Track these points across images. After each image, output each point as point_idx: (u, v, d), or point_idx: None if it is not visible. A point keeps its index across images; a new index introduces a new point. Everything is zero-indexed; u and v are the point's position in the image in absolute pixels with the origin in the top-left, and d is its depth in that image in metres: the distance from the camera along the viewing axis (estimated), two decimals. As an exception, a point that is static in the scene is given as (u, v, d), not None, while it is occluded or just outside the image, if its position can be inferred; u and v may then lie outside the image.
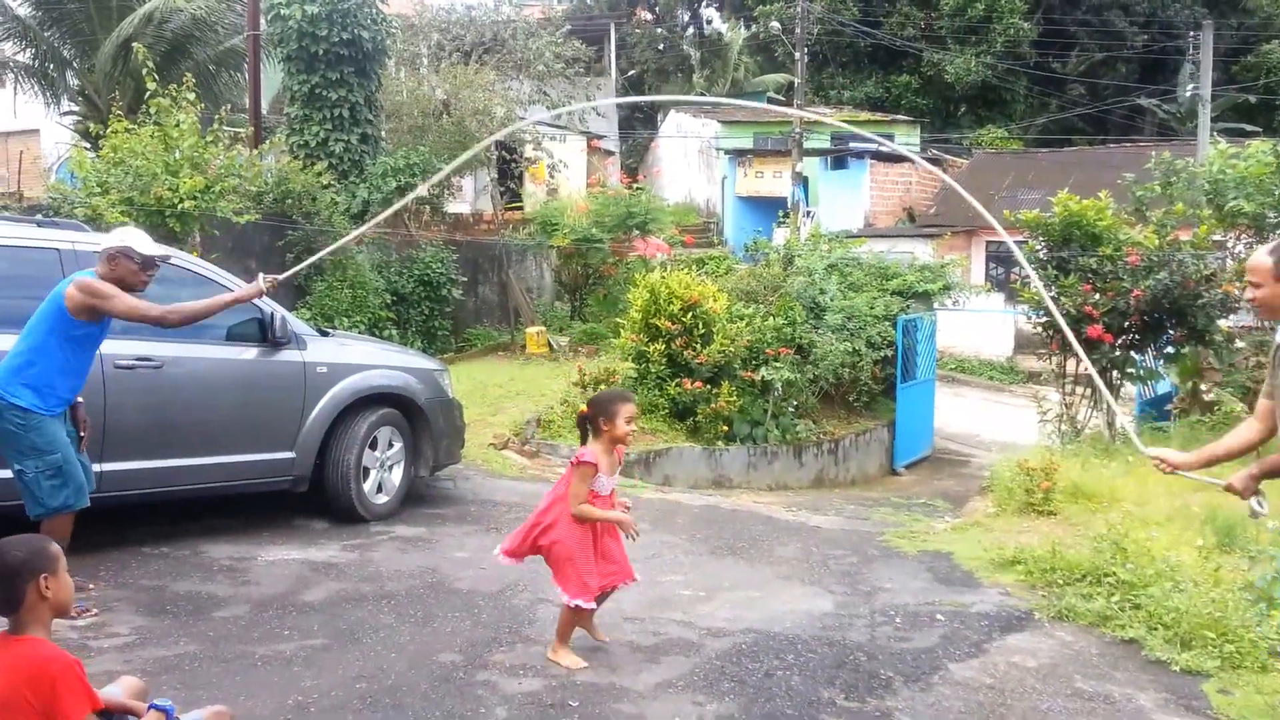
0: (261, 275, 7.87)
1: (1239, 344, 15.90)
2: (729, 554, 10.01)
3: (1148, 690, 6.76)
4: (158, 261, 7.51)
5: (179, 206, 14.16)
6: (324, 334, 10.72)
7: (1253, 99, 47.79)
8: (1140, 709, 6.47)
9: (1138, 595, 8.03)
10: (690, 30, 64.57)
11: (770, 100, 54.26)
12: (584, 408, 6.93)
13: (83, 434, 7.53)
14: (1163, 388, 18.16)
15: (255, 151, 18.46)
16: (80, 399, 7.47)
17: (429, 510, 10.91)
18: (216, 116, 16.21)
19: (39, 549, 4.06)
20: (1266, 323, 15.73)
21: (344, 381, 10.02)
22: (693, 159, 48.97)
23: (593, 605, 6.78)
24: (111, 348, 8.00)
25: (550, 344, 21.52)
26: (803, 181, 38.29)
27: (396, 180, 20.42)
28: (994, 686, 6.73)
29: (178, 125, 15.07)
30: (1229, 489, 5.53)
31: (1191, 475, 5.95)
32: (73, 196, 14.29)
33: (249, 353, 9.48)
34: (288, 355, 9.65)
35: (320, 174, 18.49)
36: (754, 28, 57.99)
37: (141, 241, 7.39)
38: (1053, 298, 16.02)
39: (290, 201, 18.07)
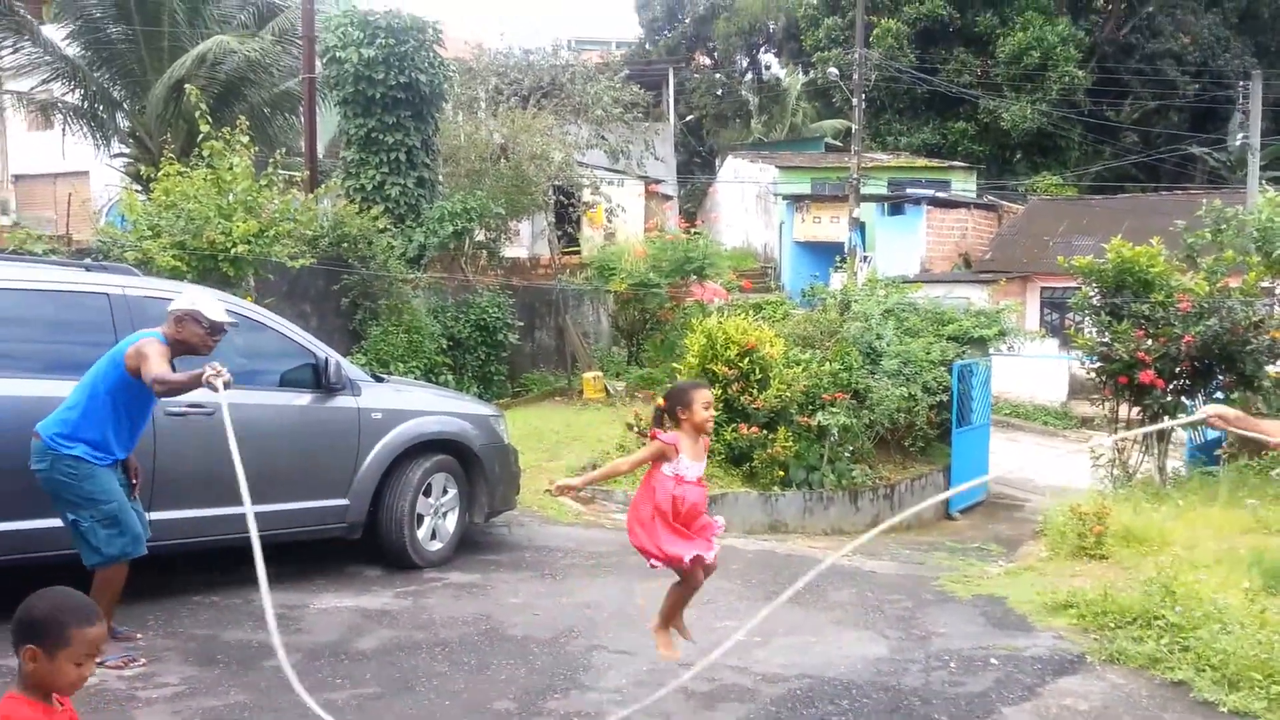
0: (208, 366, 7.35)
1: (1286, 388, 15.82)
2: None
3: (1197, 733, 6.67)
4: (225, 328, 7.54)
5: (232, 251, 14.12)
6: (379, 379, 10.69)
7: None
8: (1191, 752, 6.39)
9: (1187, 637, 7.96)
10: (749, 76, 64.85)
11: (827, 146, 54.40)
12: (661, 400, 6.91)
13: (135, 481, 7.57)
14: (1212, 433, 18.01)
15: (311, 195, 18.46)
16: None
17: (483, 557, 10.88)
18: (271, 160, 16.27)
19: (45, 617, 3.66)
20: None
21: (399, 428, 10.01)
22: (750, 204, 48.98)
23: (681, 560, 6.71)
24: (164, 394, 7.99)
25: (607, 389, 21.50)
26: (859, 227, 38.21)
27: (453, 224, 20.49)
28: (1044, 731, 6.64)
29: (231, 168, 15.01)
30: (1276, 447, 5.48)
31: (1245, 431, 5.82)
32: (123, 240, 14.24)
33: (302, 399, 9.50)
34: (342, 401, 9.66)
35: (376, 218, 18.48)
36: (812, 74, 58.09)
37: (210, 306, 7.43)
38: (1105, 343, 15.99)
39: (346, 245, 18.07)
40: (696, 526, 6.76)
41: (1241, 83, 40.38)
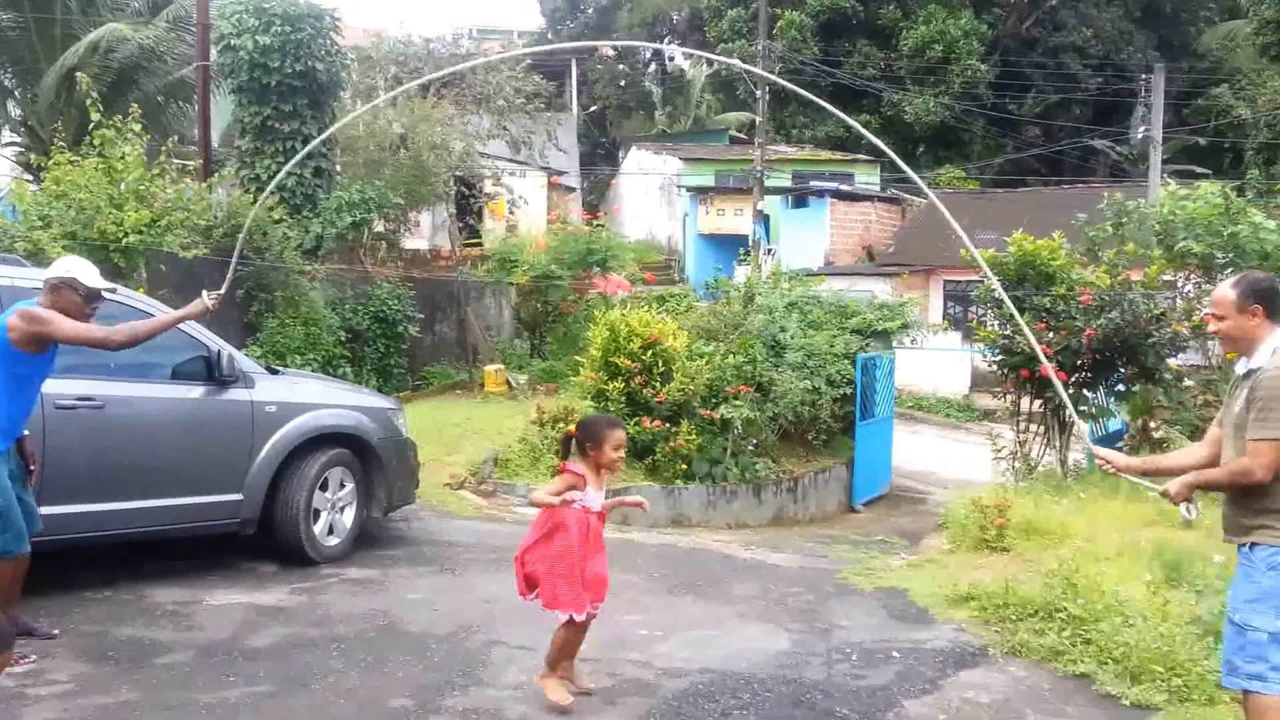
0: (205, 293, 7.75)
1: (1187, 382, 16.07)
2: (687, 593, 9.97)
3: (1098, 725, 6.74)
4: (103, 294, 7.40)
5: (124, 241, 13.90)
6: (274, 372, 10.60)
7: (1203, 142, 48.31)
8: (1092, 744, 6.46)
9: (1088, 630, 8.07)
10: (652, 67, 64.85)
11: (731, 138, 54.57)
12: (571, 429, 6.85)
13: (32, 468, 7.42)
14: (1114, 425, 18.24)
15: (204, 184, 18.18)
16: (26, 432, 7.35)
17: (381, 552, 10.78)
18: (164, 149, 16.02)
19: None
20: (1215, 360, 15.92)
21: (294, 421, 9.88)
22: (654, 196, 49.00)
23: (584, 616, 6.60)
24: (52, 387, 7.81)
25: (509, 382, 21.42)
26: (764, 219, 38.29)
27: (352, 215, 20.28)
28: (949, 724, 6.68)
29: (123, 157, 14.76)
30: (1164, 494, 5.69)
31: (1132, 478, 6.25)
32: (12, 230, 13.94)
33: (195, 392, 9.34)
34: (235, 394, 9.52)
35: (272, 208, 18.21)
36: (715, 65, 58.19)
37: (87, 273, 7.29)
38: (1007, 336, 16.14)
39: (241, 236, 17.79)
40: (593, 574, 6.67)
41: (1143, 76, 40.99)
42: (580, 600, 6.49)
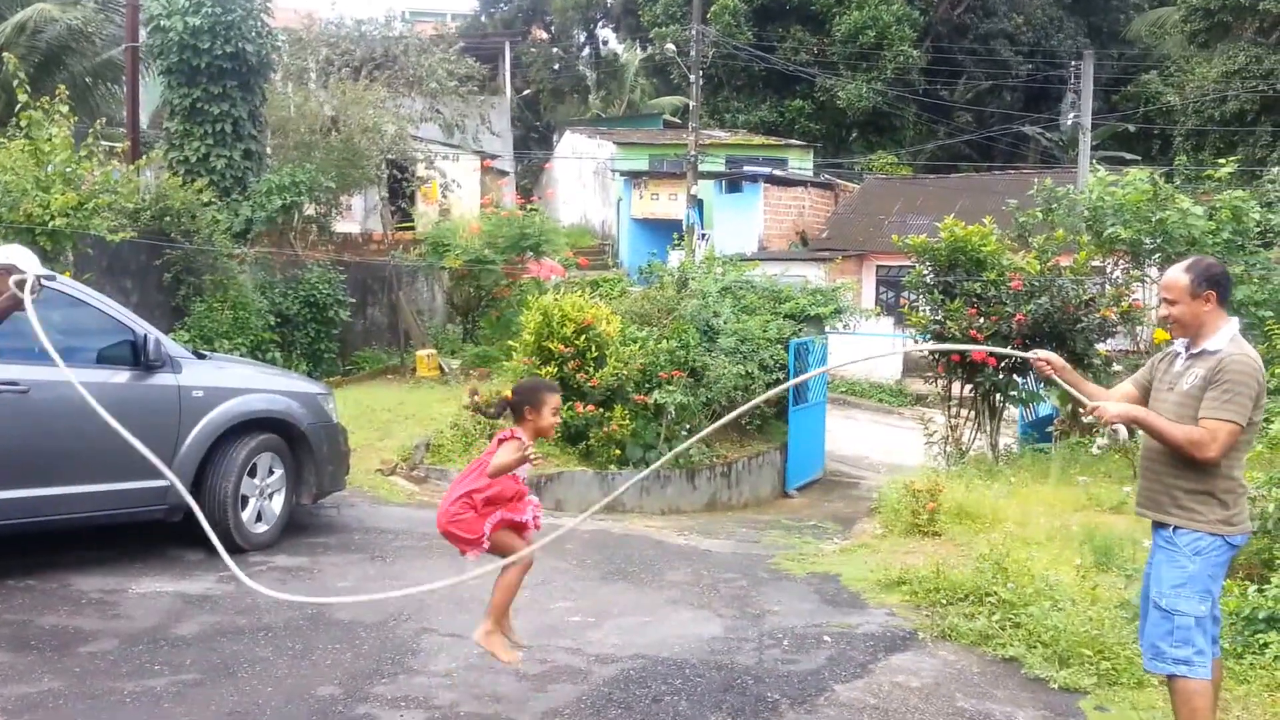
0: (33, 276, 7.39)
1: (1116, 367, 16.20)
2: (619, 579, 9.96)
3: (1026, 708, 6.84)
4: (41, 281, 7.30)
5: (50, 224, 13.74)
6: (201, 356, 10.47)
7: (1132, 128, 48.83)
8: (1019, 727, 6.51)
9: (1018, 614, 8.14)
10: (586, 51, 64.87)
11: (666, 123, 54.58)
12: (507, 393, 6.75)
13: None
14: (1044, 410, 18.41)
15: (132, 167, 17.93)
16: None
17: (311, 539, 10.69)
18: (91, 130, 15.83)
19: None
20: (1145, 345, 16.07)
21: (221, 406, 9.77)
22: (588, 180, 48.98)
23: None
24: (-28, 371, 7.71)
25: (441, 367, 21.32)
26: (698, 204, 38.39)
27: (282, 198, 20.10)
28: (878, 707, 6.75)
29: (50, 139, 14.60)
30: (1097, 411, 5.71)
31: (1065, 385, 6.19)
32: (-65, 213, 13.87)
33: (120, 376, 9.21)
34: (161, 379, 9.40)
35: (201, 191, 17.99)
36: (650, 50, 58.26)
37: (26, 259, 7.19)
38: (939, 321, 16.22)
39: (169, 219, 17.59)
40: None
41: (1073, 63, 41.28)
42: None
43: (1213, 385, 5.50)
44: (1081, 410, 6.15)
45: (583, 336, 16.97)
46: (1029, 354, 6.32)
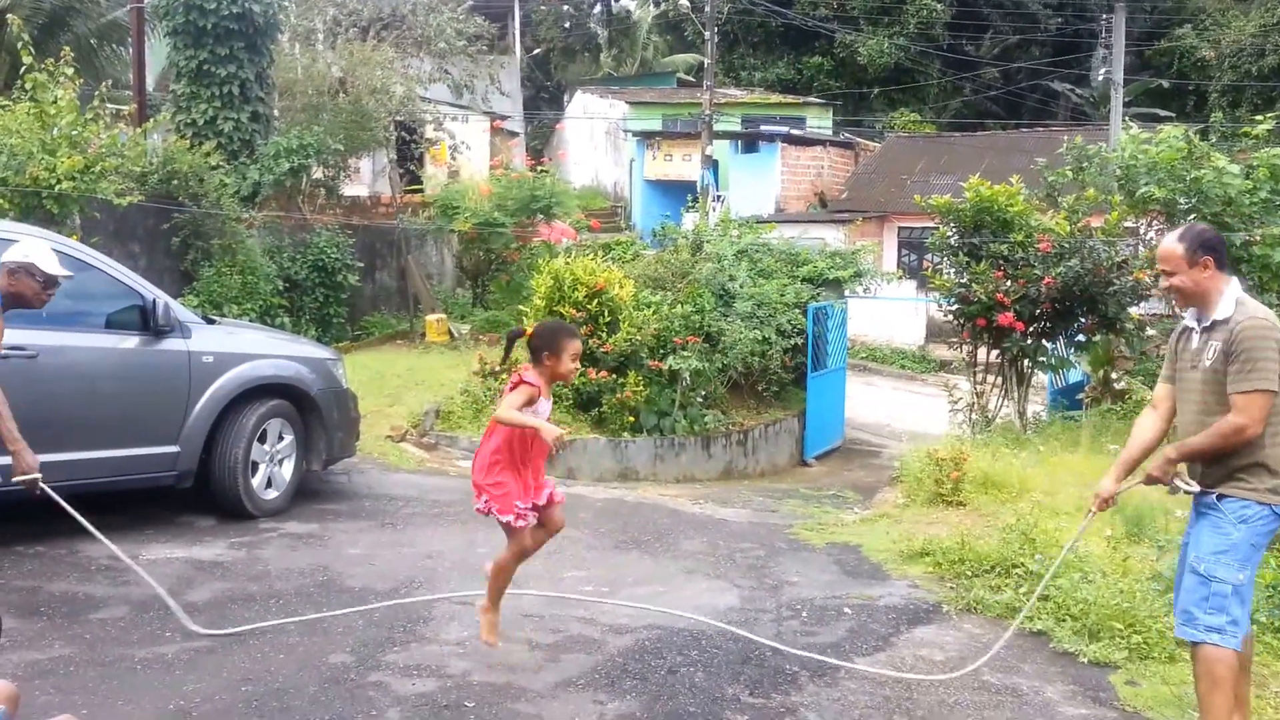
0: None
1: (1150, 331, 16.11)
2: (633, 548, 10.03)
3: (1055, 682, 6.87)
4: (60, 281, 7.39)
5: (56, 187, 13.85)
6: (210, 322, 10.58)
7: (1166, 84, 48.46)
8: (1047, 701, 6.56)
9: (1046, 587, 8.08)
10: (598, 8, 64.50)
11: (680, 82, 54.41)
12: (528, 331, 6.67)
13: None
14: (1074, 376, 18.37)
15: (139, 130, 18.01)
16: None
17: (321, 506, 10.80)
18: (97, 93, 15.89)
19: None
20: (1180, 310, 16.03)
21: (231, 371, 9.87)
22: (600, 141, 48.88)
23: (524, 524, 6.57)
24: (-18, 336, 7.78)
25: (451, 332, 21.37)
26: (713, 165, 38.29)
27: (289, 161, 20.13)
28: (900, 681, 6.79)
29: (55, 102, 14.70)
30: (1149, 480, 5.74)
31: (1122, 489, 6.24)
32: (-59, 178, 13.95)
33: (129, 341, 9.32)
34: (171, 344, 9.50)
35: (208, 154, 18.06)
36: (663, 6, 58.04)
37: (45, 258, 7.27)
38: (963, 284, 16.15)
39: (176, 183, 17.65)
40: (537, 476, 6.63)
41: (1104, 16, 41.15)
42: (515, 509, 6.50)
43: (1233, 358, 5.50)
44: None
45: (595, 301, 17.02)
46: (1088, 519, 6.69)
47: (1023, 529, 9.02)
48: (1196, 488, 5.71)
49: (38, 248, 7.39)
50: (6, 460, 7.34)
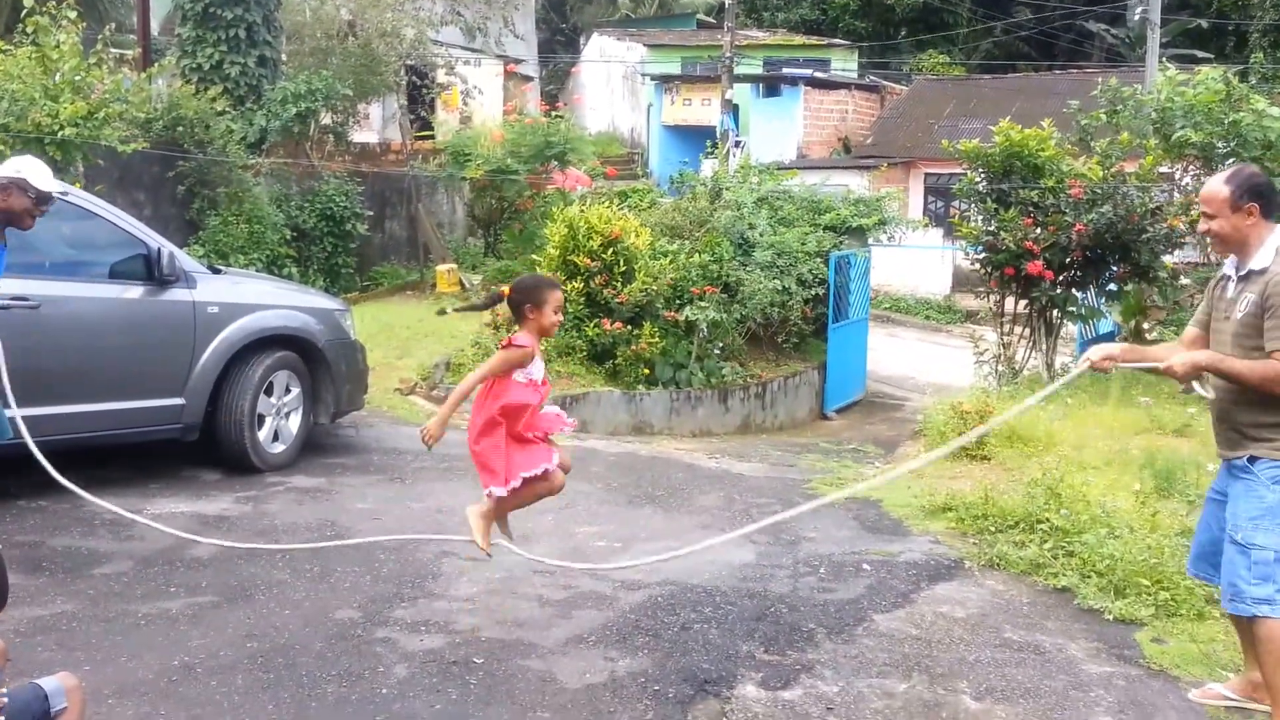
0: None
1: (1184, 280, 16.06)
2: (647, 503, 10.08)
3: (1079, 640, 6.88)
4: (54, 197, 7.41)
5: (59, 134, 13.86)
6: (216, 271, 10.65)
7: (1205, 24, 48.02)
8: (1071, 659, 6.58)
9: (1071, 542, 8.15)
10: (615, -55, 64.15)
11: (699, 23, 54.17)
12: (506, 289, 6.60)
13: None
14: (1104, 327, 18.35)
15: (143, 75, 18.00)
16: None
17: (329, 460, 10.88)
18: (100, 37, 15.87)
19: None
20: (1215, 257, 15.99)
21: (237, 322, 9.92)
22: (616, 85, 48.74)
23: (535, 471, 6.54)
24: (-16, 286, 7.82)
25: (462, 283, 21.41)
26: (733, 109, 38.15)
27: (297, 107, 20.16)
28: (920, 638, 6.83)
29: (57, 46, 14.62)
30: (1168, 371, 5.55)
31: (1126, 362, 6.06)
32: (-60, 123, 13.96)
33: (133, 292, 9.37)
34: (176, 294, 9.55)
35: (214, 99, 18.06)
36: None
37: (38, 173, 7.29)
38: (991, 232, 16.10)
39: (182, 129, 17.70)
40: (538, 424, 6.63)
41: (1141, -48, 40.80)
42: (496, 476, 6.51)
43: (1269, 312, 5.32)
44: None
45: (610, 250, 17.03)
46: (1081, 368, 6.17)
47: (1048, 483, 8.99)
48: (1211, 393, 5.66)
49: (30, 163, 7.38)
50: (11, 413, 7.41)
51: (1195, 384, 5.71)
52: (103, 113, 14.69)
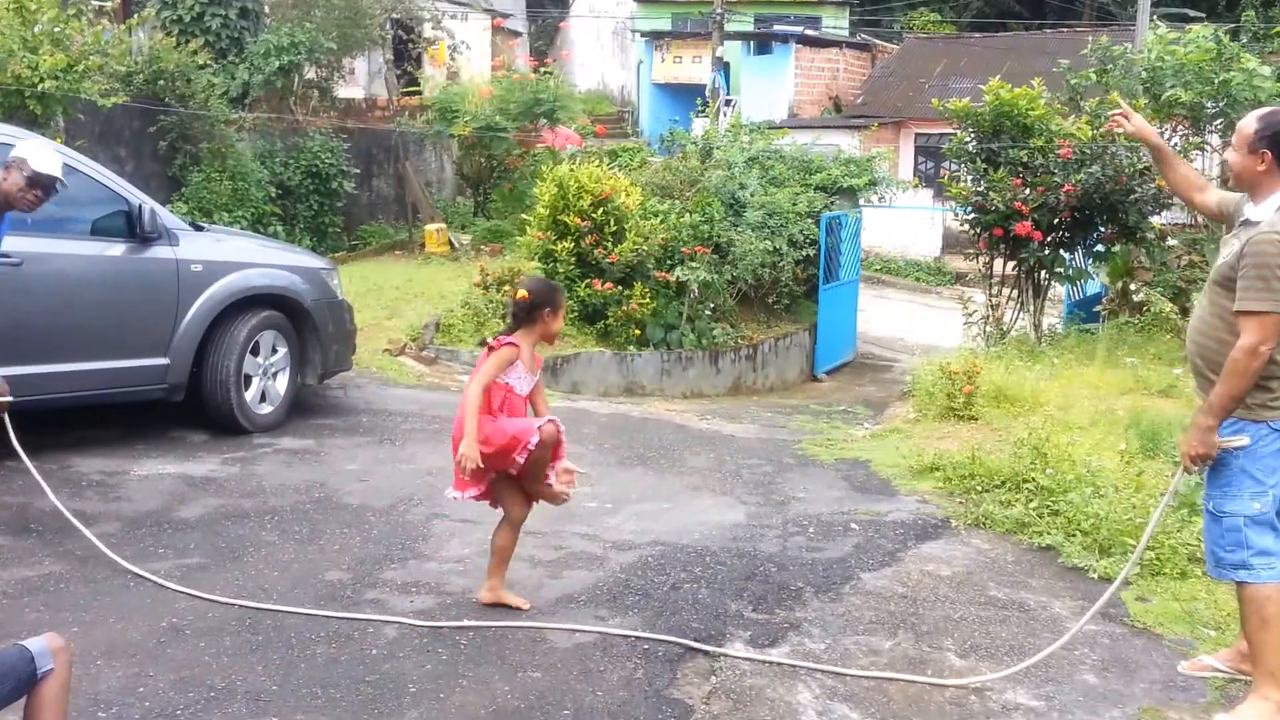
0: None
1: (1171, 242, 16.08)
2: (638, 464, 10.15)
3: (1063, 598, 6.99)
4: (48, 183, 7.26)
5: (39, 87, 13.83)
6: (199, 229, 10.59)
7: (1196, -18, 47.99)
8: (1055, 616, 6.68)
9: (1057, 501, 8.26)
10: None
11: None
12: (523, 293, 6.38)
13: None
14: (1092, 288, 18.42)
15: (123, 27, 17.97)
16: None
17: (317, 421, 10.92)
18: (79, -14, 15.84)
19: None
20: (1202, 219, 16.02)
21: (221, 281, 9.92)
22: (606, 42, 48.65)
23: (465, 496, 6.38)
24: (-37, 243, 7.79)
25: (451, 242, 21.41)
26: (723, 67, 38.13)
27: (280, 60, 20.08)
28: (906, 596, 6.93)
29: (36, -4, 14.58)
30: (1198, 459, 5.38)
31: (1145, 137, 6.10)
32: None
33: (115, 249, 9.37)
34: (158, 251, 9.54)
35: (195, 52, 18.05)
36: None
37: (38, 156, 7.23)
38: (980, 193, 16.12)
39: (163, 83, 17.66)
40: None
41: (1133, -92, 40.64)
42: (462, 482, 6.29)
43: (1243, 270, 5.25)
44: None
45: (600, 210, 17.03)
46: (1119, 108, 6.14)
47: (1034, 443, 9.10)
48: (1246, 440, 5.39)
49: (34, 145, 7.38)
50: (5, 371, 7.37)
51: (1225, 445, 5.41)
52: (82, 65, 14.66)
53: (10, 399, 7.13)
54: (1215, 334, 5.50)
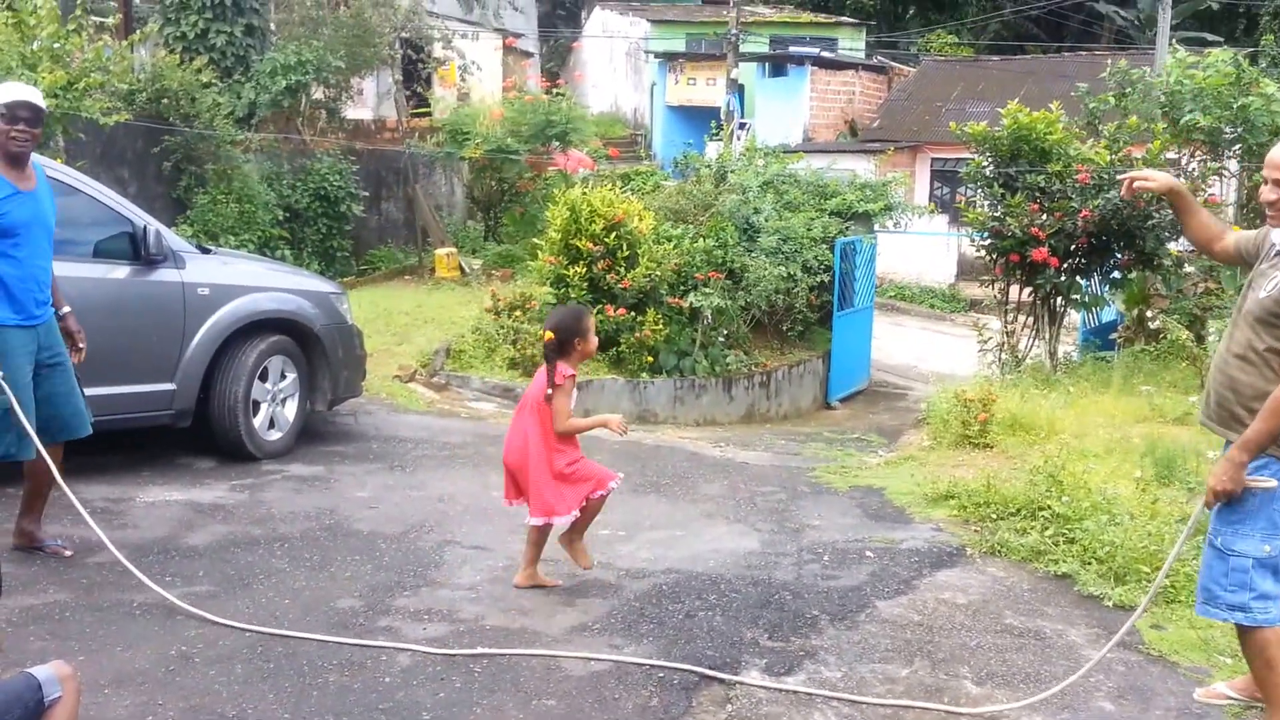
0: None
1: (1188, 269, 16.09)
2: (651, 492, 10.17)
3: (1079, 626, 7.02)
4: (22, 111, 6.84)
5: (38, 104, 13.86)
6: (205, 251, 10.55)
7: (1215, 5, 48.07)
8: (1071, 644, 6.71)
9: (1072, 529, 8.28)
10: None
11: (704, -1, 54.11)
12: (549, 334, 7.00)
13: (81, 345, 7.54)
14: (1108, 315, 18.45)
15: (125, 43, 17.84)
16: (68, 308, 7.46)
17: (326, 448, 10.94)
18: (79, 2, 15.77)
19: None
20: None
21: (229, 305, 9.92)
22: (619, 63, 48.74)
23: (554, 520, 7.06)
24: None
25: (461, 267, 21.46)
26: (738, 90, 38.25)
27: (287, 79, 20.12)
28: (922, 624, 6.96)
29: (35, 11, 14.47)
30: (1222, 494, 5.20)
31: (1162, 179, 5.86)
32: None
33: (119, 271, 9.34)
34: (164, 274, 9.52)
35: (200, 70, 18.11)
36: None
37: (8, 89, 6.99)
38: (997, 218, 16.15)
39: (166, 102, 17.73)
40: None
41: (1152, -67, 40.78)
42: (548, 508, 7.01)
43: None
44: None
45: (613, 234, 17.07)
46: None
47: (1050, 471, 9.09)
48: (1273, 483, 5.19)
49: (13, 86, 7.11)
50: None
51: (1252, 482, 5.24)
52: (83, 83, 14.63)
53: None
54: (1250, 370, 5.29)
